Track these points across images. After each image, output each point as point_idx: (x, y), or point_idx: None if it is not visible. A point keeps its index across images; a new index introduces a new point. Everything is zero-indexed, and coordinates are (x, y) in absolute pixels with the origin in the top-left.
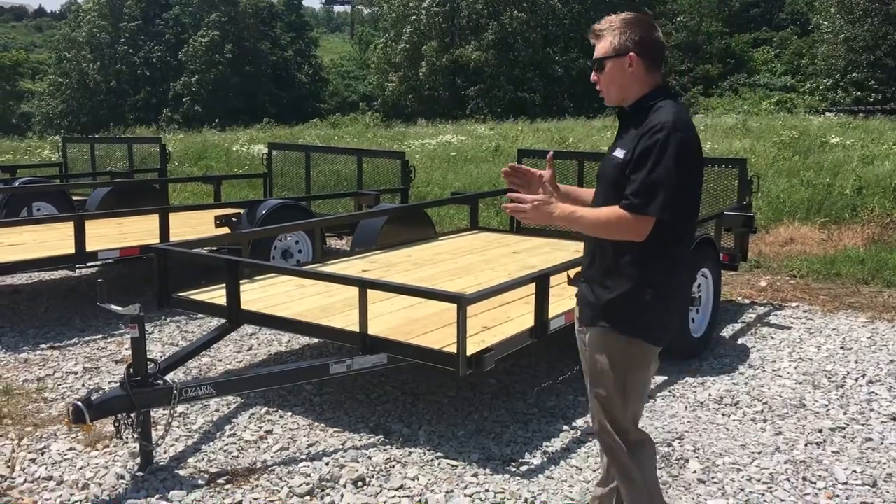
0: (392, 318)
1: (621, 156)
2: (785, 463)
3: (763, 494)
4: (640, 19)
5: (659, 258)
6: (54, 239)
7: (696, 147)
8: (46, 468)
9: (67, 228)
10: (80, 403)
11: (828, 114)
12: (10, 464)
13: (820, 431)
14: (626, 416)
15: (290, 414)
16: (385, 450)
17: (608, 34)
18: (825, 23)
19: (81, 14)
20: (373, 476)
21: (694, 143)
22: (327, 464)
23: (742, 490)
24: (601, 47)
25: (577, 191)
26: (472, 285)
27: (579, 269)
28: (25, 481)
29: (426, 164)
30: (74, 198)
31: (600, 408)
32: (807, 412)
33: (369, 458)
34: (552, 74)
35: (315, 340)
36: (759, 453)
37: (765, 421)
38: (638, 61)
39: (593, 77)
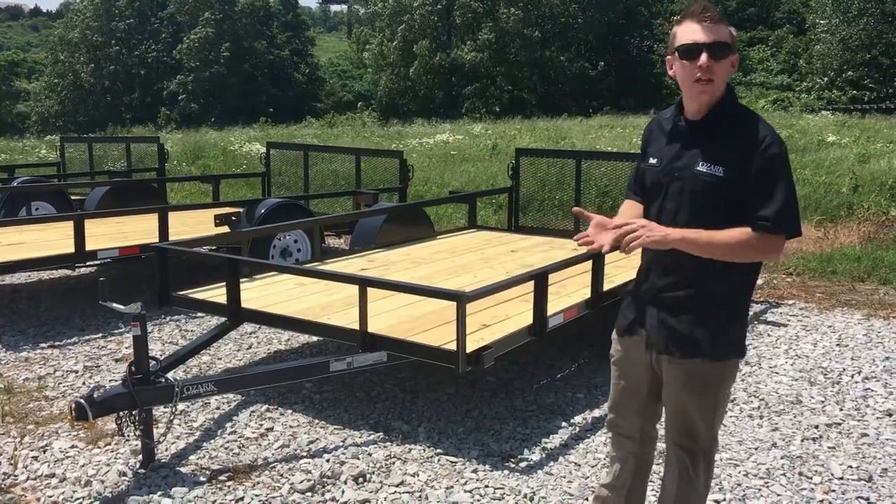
0: (392, 316)
1: (717, 172)
2: (781, 458)
3: (760, 489)
4: None
5: (748, 274)
6: (53, 238)
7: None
8: (49, 465)
9: (67, 228)
10: (82, 401)
11: (824, 112)
12: (12, 461)
13: (816, 427)
14: (715, 432)
15: (290, 411)
16: (385, 446)
17: (724, 23)
18: (821, 22)
19: (75, 15)
20: (373, 472)
21: None
22: (328, 461)
23: (739, 485)
24: (721, 32)
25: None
26: (471, 283)
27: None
28: (28, 479)
29: (424, 163)
30: (73, 197)
31: (686, 430)
32: (803, 408)
33: (370, 454)
34: (550, 73)
35: (315, 338)
36: (756, 449)
37: (761, 417)
38: (736, 63)
39: (705, 62)
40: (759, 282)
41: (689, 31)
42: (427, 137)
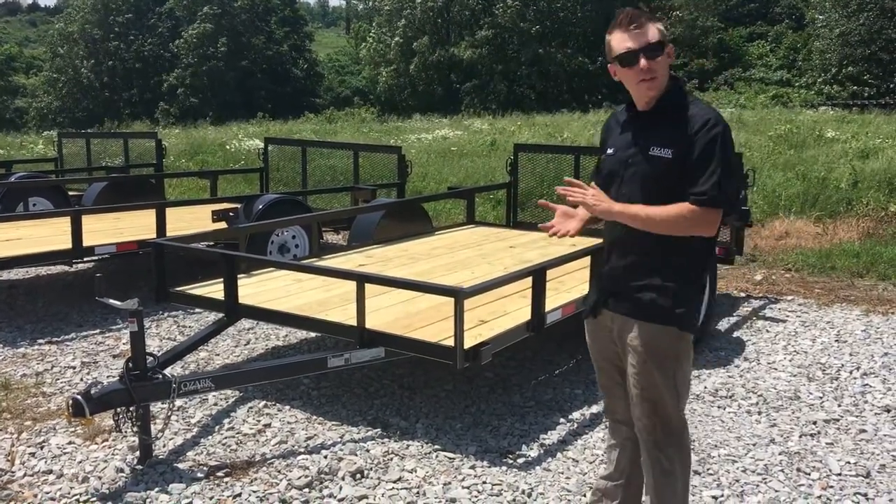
0: (389, 312)
1: (666, 153)
2: (780, 454)
3: (758, 485)
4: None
5: (702, 251)
6: (51, 234)
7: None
8: (46, 462)
9: (64, 223)
10: (79, 397)
11: (823, 108)
12: (9, 458)
13: (814, 423)
14: (677, 411)
15: (288, 407)
16: (383, 443)
17: (650, 22)
18: (820, 17)
19: (74, 10)
20: (371, 469)
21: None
22: (325, 457)
23: (737, 481)
24: (650, 33)
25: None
26: (469, 279)
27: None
28: (25, 475)
29: (422, 159)
30: (70, 193)
31: (650, 405)
32: (801, 404)
33: (367, 450)
34: (548, 69)
35: (313, 334)
36: (754, 445)
37: (760, 413)
38: (672, 53)
39: (645, 64)
40: (758, 277)
41: (622, 41)
42: (426, 133)
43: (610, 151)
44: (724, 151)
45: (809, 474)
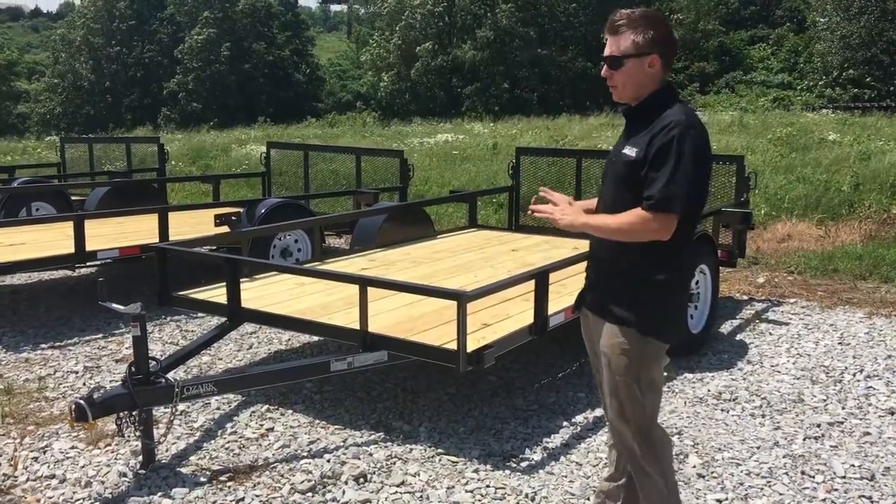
0: (392, 316)
1: (633, 154)
2: (784, 457)
3: (762, 489)
4: (659, 16)
5: (668, 255)
6: (53, 239)
7: (707, 143)
8: (49, 466)
9: (67, 228)
10: (82, 401)
11: (824, 111)
12: (12, 462)
13: (818, 426)
14: (643, 413)
15: (290, 412)
16: (386, 446)
17: (628, 30)
18: (821, 20)
19: (77, 16)
20: (374, 472)
21: (705, 139)
22: (328, 461)
23: (741, 484)
24: (620, 44)
25: (590, 203)
26: (472, 283)
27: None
28: (28, 479)
29: (424, 163)
30: (73, 198)
31: (618, 405)
32: (805, 407)
33: (370, 454)
34: (549, 72)
35: (315, 338)
36: (758, 448)
37: (763, 416)
38: (658, 63)
39: (605, 72)
40: (761, 280)
41: (607, 44)
42: (427, 137)
43: (610, 150)
44: (681, 155)
45: (814, 477)
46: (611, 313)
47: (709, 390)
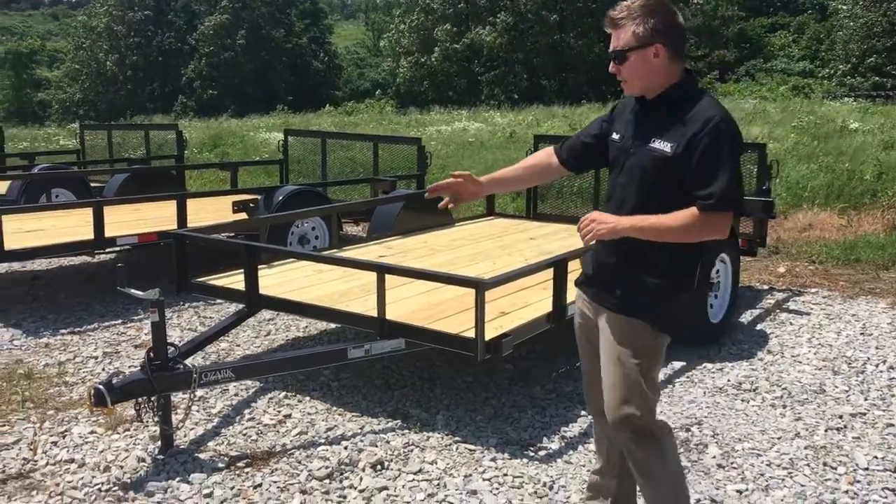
0: (410, 304)
1: (667, 149)
2: (805, 448)
3: (783, 480)
4: (660, 4)
5: (695, 252)
6: (73, 225)
7: (741, 138)
8: (68, 451)
9: (86, 214)
10: (101, 387)
11: (846, 99)
12: (32, 447)
13: (840, 417)
14: (647, 406)
15: (308, 398)
16: (403, 434)
17: (628, 23)
18: (843, 7)
19: (98, 4)
20: (391, 460)
21: (738, 131)
22: (346, 448)
23: (762, 475)
24: (621, 37)
25: (500, 176)
26: (490, 271)
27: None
28: (48, 464)
29: (442, 151)
30: (92, 184)
31: (620, 397)
32: (827, 398)
33: (387, 442)
34: (567, 59)
35: (333, 325)
36: (779, 439)
37: (784, 406)
38: (664, 51)
39: (612, 68)
40: (781, 269)
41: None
42: (445, 125)
43: (615, 137)
44: (730, 151)
45: (836, 469)
46: (628, 306)
47: (729, 380)
